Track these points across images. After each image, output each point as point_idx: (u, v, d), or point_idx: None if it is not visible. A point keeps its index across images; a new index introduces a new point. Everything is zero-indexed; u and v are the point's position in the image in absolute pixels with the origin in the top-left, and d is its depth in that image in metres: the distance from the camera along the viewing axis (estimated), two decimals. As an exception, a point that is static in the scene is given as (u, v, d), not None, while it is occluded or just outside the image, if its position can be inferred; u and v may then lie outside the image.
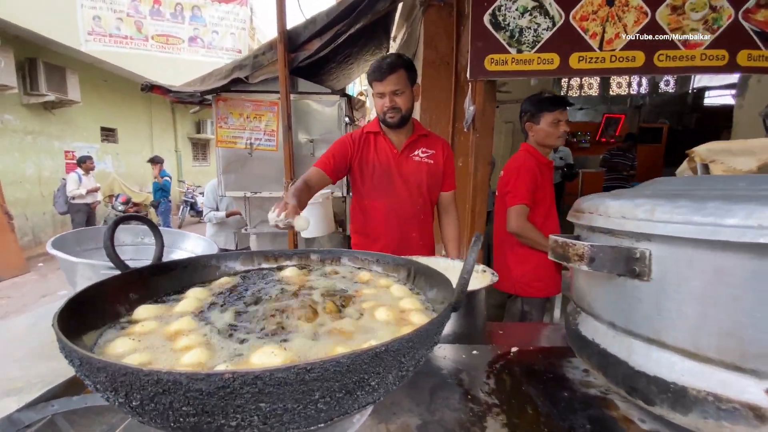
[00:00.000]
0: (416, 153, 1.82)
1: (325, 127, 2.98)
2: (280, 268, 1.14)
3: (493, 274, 1.30)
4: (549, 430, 0.77)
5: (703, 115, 10.84)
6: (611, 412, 0.82)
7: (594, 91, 9.06)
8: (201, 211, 10.55)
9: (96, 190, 7.08)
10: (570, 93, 9.08)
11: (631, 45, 2.63)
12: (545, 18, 2.56)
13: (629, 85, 9.73)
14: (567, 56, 2.60)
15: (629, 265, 0.72)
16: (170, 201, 8.01)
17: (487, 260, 3.72)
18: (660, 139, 10.32)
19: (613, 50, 2.62)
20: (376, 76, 1.67)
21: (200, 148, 14.67)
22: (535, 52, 2.60)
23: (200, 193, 10.94)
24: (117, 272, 1.30)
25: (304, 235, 2.85)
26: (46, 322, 1.44)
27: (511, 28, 2.57)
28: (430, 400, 0.86)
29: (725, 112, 9.73)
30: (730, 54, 2.65)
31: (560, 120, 1.98)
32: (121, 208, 7.88)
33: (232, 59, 5.04)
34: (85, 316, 0.71)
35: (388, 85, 1.67)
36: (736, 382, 0.61)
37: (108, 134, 9.66)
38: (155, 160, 8.01)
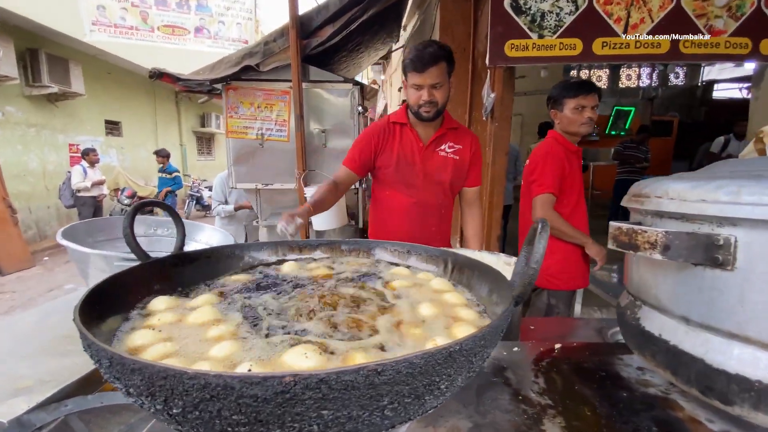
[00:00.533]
0: (443, 147, 1.72)
1: (337, 117, 2.89)
2: (306, 260, 1.07)
3: (527, 266, 1.22)
4: (613, 434, 0.70)
5: (711, 108, 10.70)
6: (676, 412, 0.76)
7: (603, 84, 8.92)
8: (207, 206, 10.53)
9: (102, 182, 7.03)
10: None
11: (655, 31, 2.53)
12: (568, 1, 2.46)
13: (639, 77, 9.58)
14: (590, 42, 2.51)
15: (710, 253, 0.65)
16: (176, 195, 7.94)
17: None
18: (670, 132, 10.18)
19: (638, 35, 2.52)
20: (416, 66, 1.53)
21: (205, 142, 14.60)
22: (557, 37, 2.50)
23: (206, 188, 10.90)
24: (131, 263, 1.24)
25: (316, 227, 2.78)
26: (55, 317, 1.38)
27: (532, 12, 2.48)
28: (478, 401, 0.79)
29: (734, 105, 9.60)
30: (753, 42, 2.56)
31: (584, 106, 1.89)
32: (126, 201, 7.83)
33: (239, 50, 4.97)
34: (105, 308, 0.65)
35: (428, 77, 1.54)
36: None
37: (112, 127, 9.59)
38: (161, 153, 7.93)
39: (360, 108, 2.83)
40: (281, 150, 2.92)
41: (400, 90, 6.16)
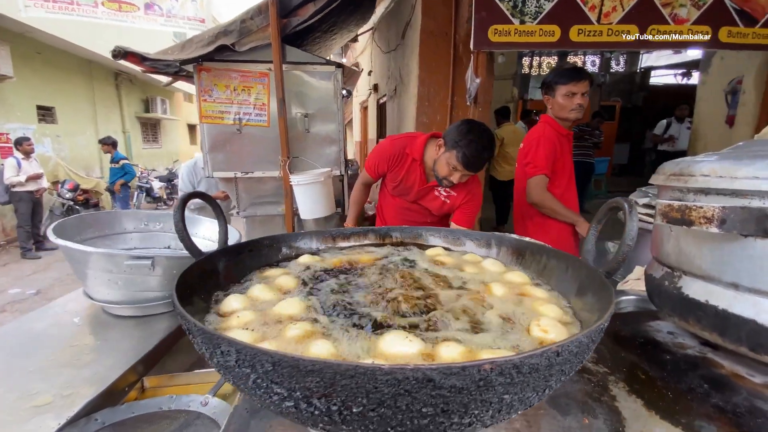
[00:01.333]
0: (439, 189, 1.87)
1: (320, 101, 2.77)
2: (348, 248, 1.05)
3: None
4: (672, 393, 0.76)
5: (649, 94, 11.55)
6: (719, 370, 0.83)
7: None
8: (158, 197, 9.87)
9: (38, 176, 6.34)
10: (532, 72, 9.31)
11: (626, 19, 2.67)
12: (548, -13, 2.53)
13: (584, 64, 10.12)
14: (567, 28, 2.60)
15: (762, 224, 0.71)
16: (129, 187, 7.36)
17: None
18: (614, 116, 10.90)
19: (610, 23, 2.64)
20: (468, 165, 1.64)
21: (150, 128, 13.55)
22: (537, 23, 2.57)
23: (156, 178, 10.19)
24: (142, 262, 1.15)
25: (303, 216, 2.71)
26: (44, 326, 1.25)
27: (514, -3, 2.52)
28: (543, 375, 0.83)
29: (670, 90, 10.42)
30: (713, 30, 2.77)
31: (575, 92, 1.97)
32: (68, 195, 7.15)
33: (197, 30, 4.62)
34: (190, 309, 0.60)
35: (468, 174, 1.71)
36: None
37: (45, 113, 8.63)
38: (106, 141, 7.28)
39: (344, 91, 2.76)
40: (261, 136, 2.77)
41: (370, 74, 6.06)
